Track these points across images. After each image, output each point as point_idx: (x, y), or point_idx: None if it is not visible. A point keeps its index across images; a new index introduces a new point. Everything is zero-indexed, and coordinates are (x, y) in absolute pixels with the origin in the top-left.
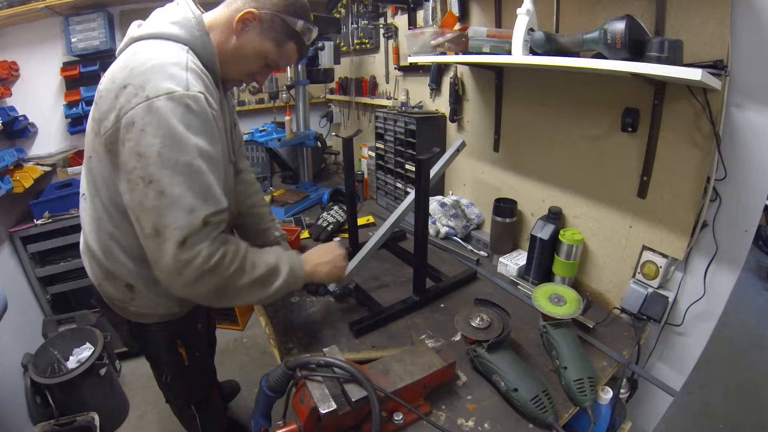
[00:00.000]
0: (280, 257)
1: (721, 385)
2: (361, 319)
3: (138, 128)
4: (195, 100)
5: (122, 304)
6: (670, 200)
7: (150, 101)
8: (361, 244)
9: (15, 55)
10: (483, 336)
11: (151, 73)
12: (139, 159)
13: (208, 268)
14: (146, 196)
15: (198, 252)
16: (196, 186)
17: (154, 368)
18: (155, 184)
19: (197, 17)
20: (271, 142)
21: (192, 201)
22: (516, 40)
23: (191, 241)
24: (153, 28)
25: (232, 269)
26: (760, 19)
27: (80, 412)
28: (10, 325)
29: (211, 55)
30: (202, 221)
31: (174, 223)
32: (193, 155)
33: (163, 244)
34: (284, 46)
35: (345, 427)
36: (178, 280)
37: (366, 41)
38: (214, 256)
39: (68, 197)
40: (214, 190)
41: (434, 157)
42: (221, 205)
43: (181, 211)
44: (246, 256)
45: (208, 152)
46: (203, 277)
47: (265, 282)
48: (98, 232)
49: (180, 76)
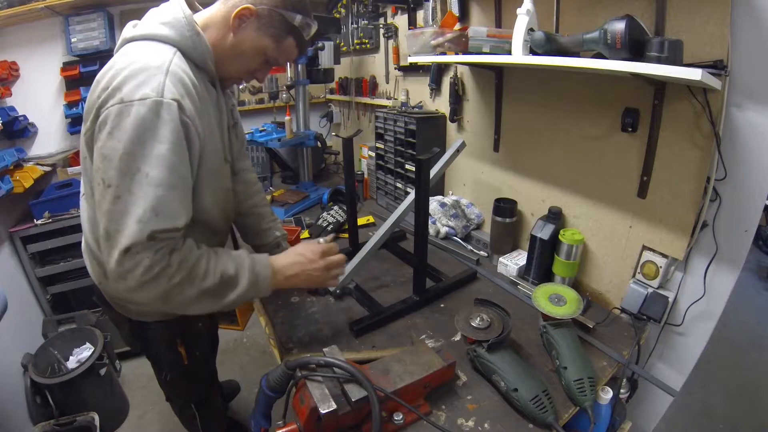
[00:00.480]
0: (242, 266)
1: (721, 385)
2: (361, 319)
3: (107, 130)
4: (167, 108)
5: (122, 302)
6: (670, 200)
7: (123, 104)
8: (361, 244)
9: (15, 55)
10: (483, 336)
11: (129, 77)
12: (103, 160)
13: (149, 278)
14: (104, 198)
15: (139, 261)
16: (150, 198)
17: (154, 367)
18: (113, 189)
19: (188, 16)
20: (271, 142)
21: (142, 213)
22: (516, 40)
23: (134, 250)
24: (144, 29)
25: (176, 280)
26: (760, 19)
27: (80, 412)
28: (10, 325)
29: (203, 55)
30: (148, 236)
31: (122, 230)
32: (153, 165)
33: (111, 249)
34: (283, 41)
35: (345, 427)
36: (121, 284)
37: (366, 41)
38: (155, 267)
39: (68, 197)
40: (170, 206)
41: (434, 157)
42: (175, 223)
43: (130, 219)
44: (195, 265)
45: (172, 162)
46: (144, 286)
47: (217, 293)
48: (95, 230)
49: (157, 81)
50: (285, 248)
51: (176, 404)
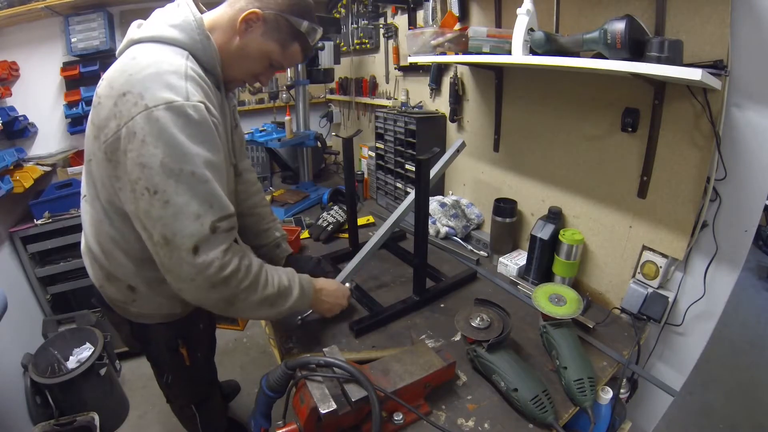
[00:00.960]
0: (293, 279)
1: (721, 385)
2: (361, 320)
3: (139, 139)
4: (195, 110)
5: (123, 305)
6: (670, 200)
7: (149, 110)
8: (361, 244)
9: (15, 55)
10: (483, 336)
11: (149, 82)
12: (143, 169)
13: (221, 279)
14: (152, 206)
15: (211, 261)
16: (200, 193)
17: (155, 368)
18: (160, 194)
19: (198, 20)
20: (271, 142)
21: (197, 208)
22: (516, 40)
23: (203, 248)
24: (152, 31)
25: (244, 284)
26: (760, 19)
27: (80, 412)
28: (10, 325)
29: (212, 59)
30: (210, 227)
31: (182, 231)
32: (196, 165)
33: (173, 252)
34: (289, 47)
35: (345, 427)
36: (190, 285)
37: (366, 41)
38: (227, 268)
39: (68, 197)
40: (219, 197)
41: (434, 157)
42: (228, 210)
43: (187, 219)
44: (260, 273)
45: (211, 160)
46: (215, 287)
47: (275, 302)
48: (98, 233)
49: (179, 86)
50: (285, 249)
51: (176, 405)
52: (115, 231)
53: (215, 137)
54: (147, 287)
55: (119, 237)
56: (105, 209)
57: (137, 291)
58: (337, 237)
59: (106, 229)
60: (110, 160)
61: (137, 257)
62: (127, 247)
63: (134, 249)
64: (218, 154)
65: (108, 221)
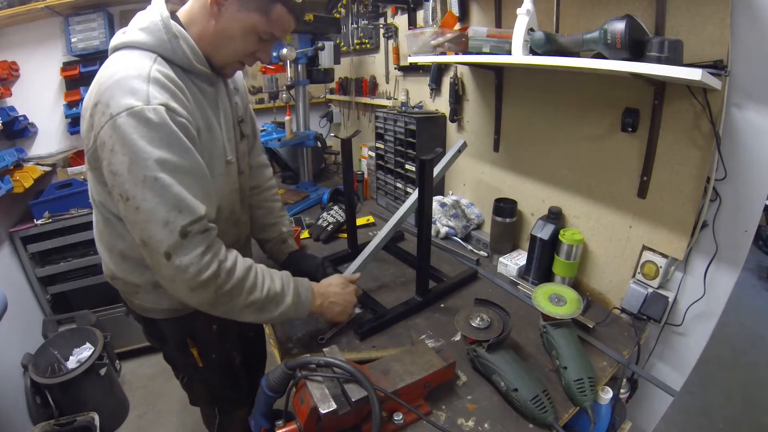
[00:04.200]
0: (287, 285)
1: (721, 385)
2: (366, 322)
3: (108, 148)
4: (155, 113)
5: (130, 298)
6: (670, 200)
7: (113, 119)
8: (360, 246)
9: (15, 55)
10: (483, 336)
11: (114, 89)
12: (115, 177)
13: (199, 283)
14: (128, 211)
15: (187, 266)
16: (167, 199)
17: (173, 369)
18: (132, 201)
19: (164, 19)
20: (271, 142)
21: (165, 215)
22: (516, 40)
23: (176, 254)
24: (126, 37)
25: (225, 288)
26: (760, 19)
27: (80, 412)
28: (10, 325)
29: (186, 57)
30: (180, 233)
31: (154, 237)
32: (156, 169)
33: (152, 254)
34: (271, 12)
35: (345, 427)
36: (172, 286)
37: (366, 41)
38: (204, 273)
39: (68, 197)
40: (187, 200)
41: (437, 158)
42: (198, 213)
43: (156, 226)
44: (245, 278)
45: (173, 164)
46: (194, 291)
47: (263, 307)
48: (100, 235)
49: (141, 90)
50: (290, 245)
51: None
52: (112, 234)
53: (180, 139)
54: (147, 284)
55: (117, 240)
56: (102, 214)
57: (140, 286)
58: (337, 237)
59: (105, 233)
60: (94, 169)
61: (136, 260)
62: (125, 250)
63: (132, 250)
64: (186, 156)
65: (104, 224)
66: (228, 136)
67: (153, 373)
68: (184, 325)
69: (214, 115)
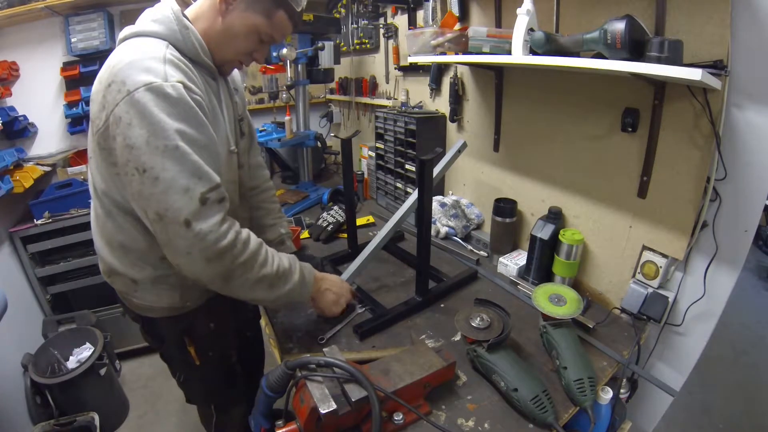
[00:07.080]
0: (294, 264)
1: (721, 385)
2: (366, 321)
3: (125, 122)
4: (174, 89)
5: (128, 297)
6: (670, 200)
7: (131, 95)
8: (360, 246)
9: (15, 55)
10: (483, 336)
11: (129, 69)
12: (131, 151)
13: (216, 251)
14: (143, 185)
15: (207, 233)
16: (186, 167)
17: (170, 368)
18: (149, 172)
19: (176, 12)
20: (271, 142)
21: (185, 182)
22: (516, 40)
23: (195, 220)
24: (137, 27)
25: (241, 259)
26: (760, 19)
27: (80, 412)
28: (10, 325)
29: (194, 48)
30: (200, 199)
31: (173, 205)
32: (177, 138)
33: (168, 226)
34: (274, 16)
35: (345, 427)
36: (187, 259)
37: (366, 41)
38: (222, 240)
39: (68, 197)
40: (204, 169)
41: (437, 158)
42: (214, 181)
43: (176, 194)
44: (258, 251)
45: (191, 136)
46: (210, 261)
47: (273, 283)
48: (102, 229)
49: (157, 69)
50: (288, 247)
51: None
52: (114, 227)
53: (197, 115)
54: (146, 281)
55: (119, 233)
56: (105, 206)
57: (138, 283)
58: (337, 237)
59: (107, 226)
60: (104, 149)
61: (138, 253)
62: (127, 242)
63: (134, 243)
64: (202, 131)
65: (106, 217)
66: (231, 127)
67: (153, 373)
68: (182, 323)
69: (218, 106)
